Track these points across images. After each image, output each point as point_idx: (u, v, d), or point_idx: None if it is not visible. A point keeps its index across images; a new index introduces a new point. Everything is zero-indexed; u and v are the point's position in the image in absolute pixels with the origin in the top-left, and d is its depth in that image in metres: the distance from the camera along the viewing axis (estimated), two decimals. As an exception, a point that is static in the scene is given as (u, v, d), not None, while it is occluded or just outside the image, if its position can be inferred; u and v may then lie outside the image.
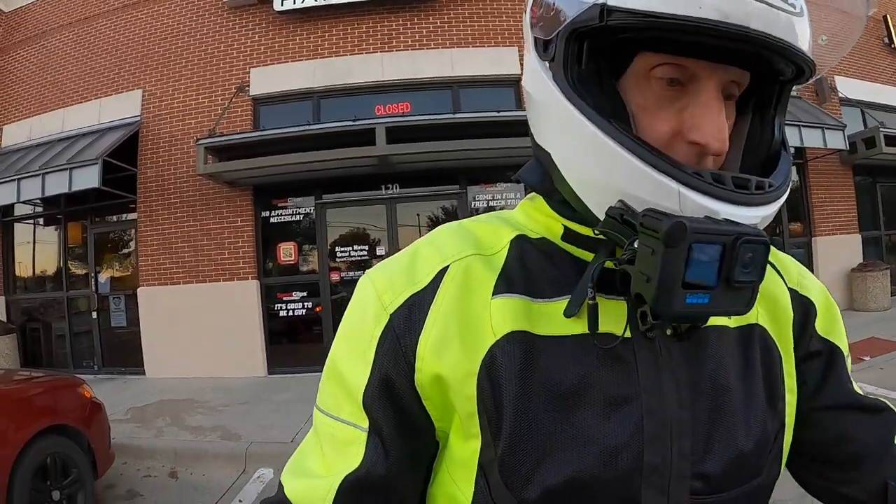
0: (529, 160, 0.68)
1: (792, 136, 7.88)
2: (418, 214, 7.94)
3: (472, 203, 7.74)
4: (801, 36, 0.51)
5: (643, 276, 0.49)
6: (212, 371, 7.49)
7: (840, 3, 0.59)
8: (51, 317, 9.11)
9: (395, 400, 0.59)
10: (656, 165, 0.50)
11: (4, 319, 8.86)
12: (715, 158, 0.55)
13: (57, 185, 7.47)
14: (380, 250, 7.78)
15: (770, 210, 0.53)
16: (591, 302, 0.54)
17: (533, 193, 0.68)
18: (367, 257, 7.84)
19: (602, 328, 0.55)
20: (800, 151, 8.87)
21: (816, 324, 0.67)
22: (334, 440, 0.61)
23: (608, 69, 0.56)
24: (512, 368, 0.56)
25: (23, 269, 9.40)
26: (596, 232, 0.57)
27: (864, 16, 0.59)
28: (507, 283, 0.59)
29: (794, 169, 0.50)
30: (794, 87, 0.60)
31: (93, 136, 8.19)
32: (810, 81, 0.57)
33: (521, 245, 0.62)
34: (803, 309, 0.67)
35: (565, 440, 0.55)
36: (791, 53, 0.50)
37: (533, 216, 0.66)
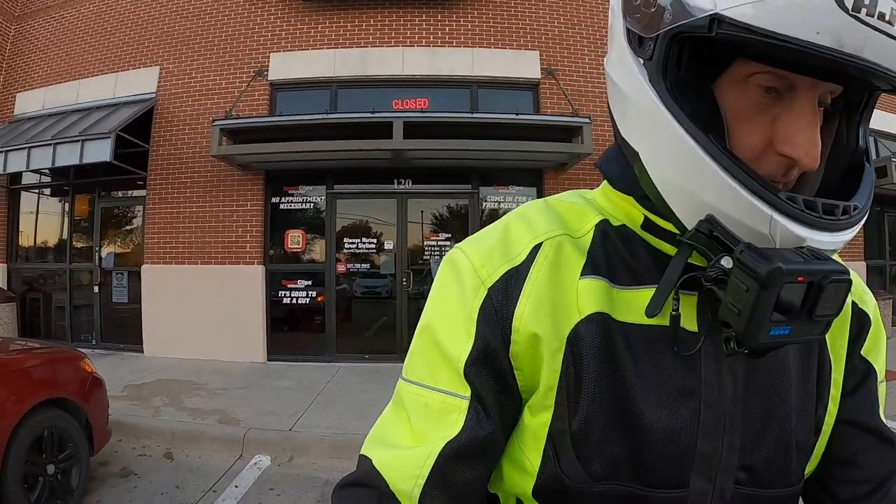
0: (609, 148, 0.68)
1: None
2: (422, 211, 7.91)
3: (483, 204, 7.73)
4: None
5: (734, 309, 0.51)
6: (211, 354, 7.47)
7: None
8: (52, 288, 9.10)
9: (494, 369, 0.61)
10: (751, 188, 0.51)
11: (5, 287, 8.84)
12: (798, 172, 0.55)
13: (68, 156, 7.45)
14: (388, 244, 7.76)
15: (851, 234, 0.54)
16: (674, 313, 0.58)
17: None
18: (374, 250, 7.82)
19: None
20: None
21: (866, 341, 0.69)
22: (428, 410, 0.62)
23: (705, 71, 0.55)
24: (593, 347, 0.59)
25: (26, 238, 9.37)
26: (684, 237, 0.58)
27: None
28: (593, 265, 0.62)
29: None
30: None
31: (107, 109, 8.18)
32: None
33: (605, 230, 0.65)
34: (860, 321, 0.69)
35: (631, 419, 0.58)
36: (893, 78, 0.49)
37: (615, 202, 0.67)
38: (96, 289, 8.55)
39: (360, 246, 7.81)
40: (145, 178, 8.12)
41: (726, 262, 0.52)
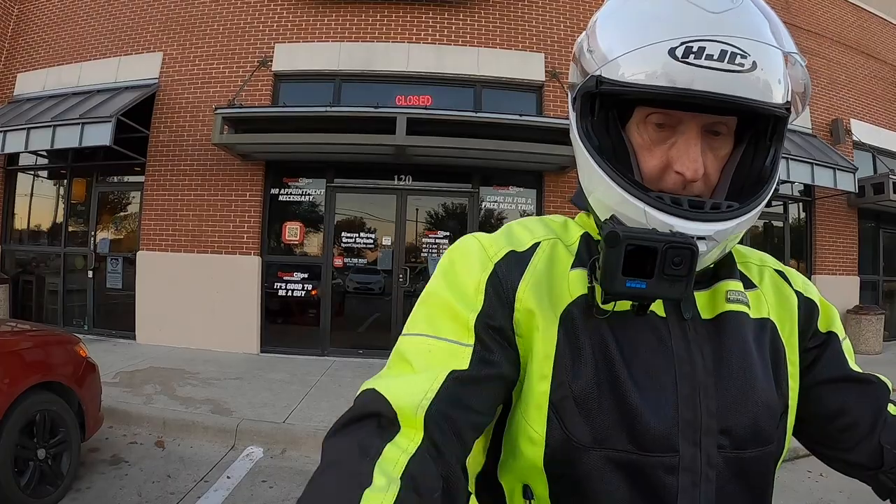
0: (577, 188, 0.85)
1: (803, 174, 7.94)
2: (420, 209, 7.93)
3: (483, 203, 7.73)
4: (751, 88, 0.63)
5: (598, 266, 0.67)
6: (204, 343, 7.46)
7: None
8: (45, 271, 9.05)
9: (498, 328, 0.70)
10: (630, 192, 0.68)
11: (-1, 269, 8.80)
12: (703, 184, 0.70)
13: (68, 138, 7.40)
14: (386, 240, 7.74)
15: (723, 226, 0.67)
16: (588, 286, 0.71)
17: (586, 211, 0.85)
18: (373, 246, 7.81)
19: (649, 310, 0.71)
20: (809, 189, 8.96)
21: (819, 322, 0.82)
22: (431, 353, 0.68)
23: (616, 118, 0.73)
24: (583, 325, 0.70)
25: (20, 220, 9.32)
26: (601, 235, 0.70)
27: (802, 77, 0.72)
28: (580, 262, 0.75)
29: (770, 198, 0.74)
30: (791, 124, 0.74)
31: (108, 93, 8.13)
32: (793, 120, 0.72)
33: (588, 240, 0.79)
34: (808, 307, 0.82)
35: (622, 388, 0.68)
36: (736, 103, 0.63)
37: (589, 225, 0.82)
38: (90, 274, 8.50)
39: (358, 241, 7.80)
40: (144, 164, 8.08)
41: None
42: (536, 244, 0.76)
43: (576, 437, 0.67)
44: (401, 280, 7.58)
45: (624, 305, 0.70)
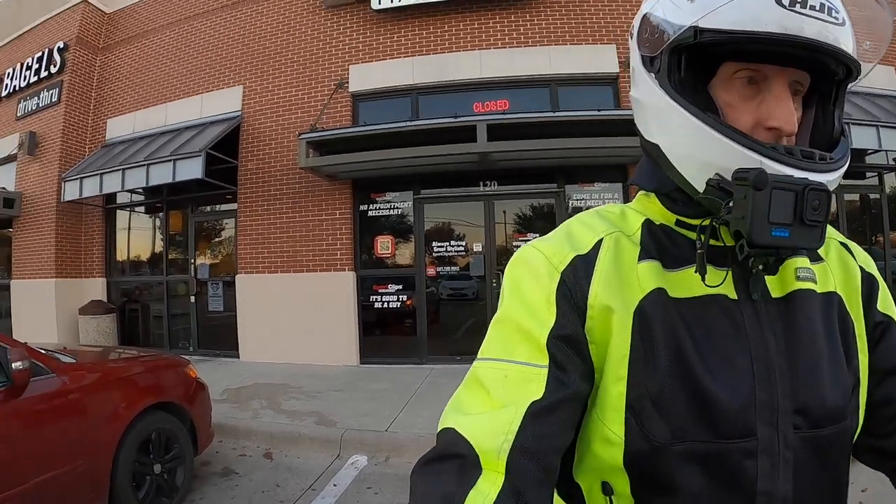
0: (638, 164, 0.84)
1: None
2: (507, 212, 7.91)
3: (569, 202, 7.65)
4: (845, 41, 0.65)
5: (739, 216, 0.64)
6: (305, 358, 7.71)
7: (872, 13, 0.72)
8: (149, 299, 9.63)
9: (571, 341, 0.70)
10: (742, 143, 0.66)
11: (105, 300, 9.38)
12: (788, 139, 0.69)
13: (161, 175, 7.90)
14: (476, 246, 7.78)
15: (832, 176, 0.67)
16: (699, 251, 0.69)
17: (644, 192, 0.83)
18: (464, 252, 7.86)
19: (716, 290, 0.71)
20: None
21: (879, 299, 0.81)
22: (507, 380, 0.68)
23: (702, 77, 0.72)
24: (657, 320, 0.70)
25: (121, 252, 9.96)
26: (699, 196, 0.71)
27: (890, 20, 0.72)
28: (646, 252, 0.75)
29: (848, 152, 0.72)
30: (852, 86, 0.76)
31: (195, 129, 8.62)
32: (859, 81, 0.72)
33: (650, 227, 0.78)
34: (869, 282, 0.82)
35: (698, 379, 0.67)
36: (837, 54, 0.65)
37: (649, 206, 0.82)
38: (192, 298, 8.98)
39: (449, 249, 7.87)
40: (235, 192, 8.49)
41: (732, 191, 0.66)
42: (599, 241, 0.75)
43: (654, 435, 0.67)
44: (494, 284, 7.58)
45: (693, 290, 0.71)
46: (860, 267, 0.82)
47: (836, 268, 0.80)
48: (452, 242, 7.89)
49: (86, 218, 9.75)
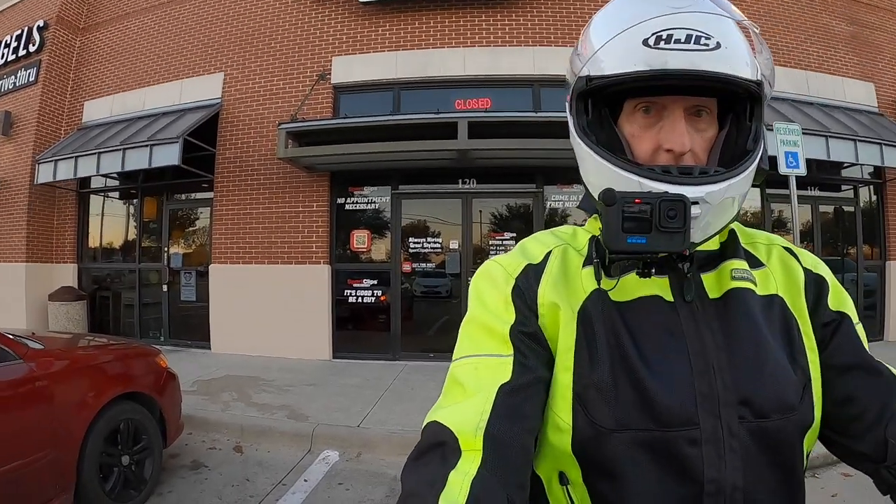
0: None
1: (872, 155, 7.68)
2: (483, 211, 7.95)
3: (548, 203, 7.72)
4: (721, 65, 0.72)
5: (601, 229, 0.73)
6: (277, 351, 7.67)
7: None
8: (120, 287, 9.47)
9: (529, 334, 0.78)
10: (624, 168, 0.75)
11: (76, 286, 9.21)
12: (693, 161, 0.77)
13: (137, 160, 7.77)
14: (453, 244, 7.80)
15: (713, 188, 0.73)
16: (595, 260, 0.79)
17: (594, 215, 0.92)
18: (440, 250, 7.88)
19: (653, 293, 0.79)
20: (879, 171, 8.64)
21: (829, 298, 0.84)
22: (478, 371, 0.76)
23: (608, 115, 0.82)
24: (598, 318, 0.77)
25: (94, 239, 9.77)
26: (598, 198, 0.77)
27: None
28: (590, 261, 0.82)
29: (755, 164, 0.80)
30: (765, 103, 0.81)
31: (173, 115, 8.48)
32: (768, 97, 0.79)
33: (597, 242, 0.84)
34: (818, 283, 0.85)
35: (638, 372, 0.73)
36: (711, 79, 0.72)
37: (597, 228, 0.87)
38: (165, 287, 8.86)
39: (425, 245, 7.88)
40: (211, 181, 8.39)
41: None
42: (549, 252, 0.84)
43: (600, 422, 0.72)
44: (468, 282, 7.54)
45: (632, 293, 0.79)
46: (807, 269, 0.86)
47: (778, 272, 0.85)
48: (429, 239, 7.90)
49: (59, 202, 9.54)
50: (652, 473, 0.71)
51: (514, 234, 7.72)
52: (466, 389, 0.73)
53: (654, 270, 0.77)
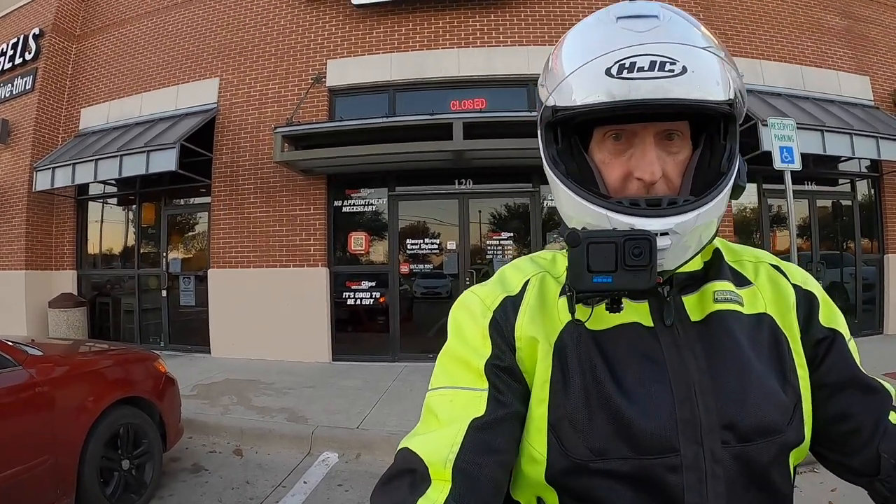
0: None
1: (868, 148, 7.70)
2: (482, 211, 7.94)
3: (544, 202, 7.70)
4: (686, 90, 0.69)
5: (568, 269, 0.72)
6: (276, 354, 7.69)
7: None
8: (120, 292, 9.48)
9: (505, 369, 0.77)
10: (592, 201, 0.74)
11: (75, 293, 9.23)
12: (666, 187, 0.76)
13: (134, 166, 7.79)
14: (451, 244, 7.81)
15: (682, 219, 0.71)
16: (567, 294, 0.74)
17: None
18: (437, 251, 7.88)
19: (632, 320, 0.77)
20: (875, 164, 8.65)
21: (820, 315, 0.83)
22: (453, 403, 0.76)
23: (578, 143, 0.81)
24: (574, 349, 0.76)
25: (93, 245, 9.78)
26: (564, 239, 0.77)
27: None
28: (564, 292, 0.79)
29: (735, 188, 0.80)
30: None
31: (170, 120, 8.50)
32: (741, 116, 0.77)
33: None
34: (808, 299, 0.85)
35: (615, 401, 0.72)
36: (674, 105, 0.70)
37: None
38: (164, 293, 8.87)
39: (423, 246, 7.89)
40: (209, 186, 8.41)
41: None
42: (527, 282, 0.83)
43: (573, 453, 0.72)
44: (467, 283, 7.57)
45: (609, 322, 0.77)
46: (796, 286, 0.85)
47: (767, 290, 0.84)
48: (427, 240, 7.91)
49: (57, 209, 9.57)
50: (631, 499, 0.71)
51: (512, 234, 7.75)
52: (440, 419, 0.74)
53: (622, 305, 0.75)
